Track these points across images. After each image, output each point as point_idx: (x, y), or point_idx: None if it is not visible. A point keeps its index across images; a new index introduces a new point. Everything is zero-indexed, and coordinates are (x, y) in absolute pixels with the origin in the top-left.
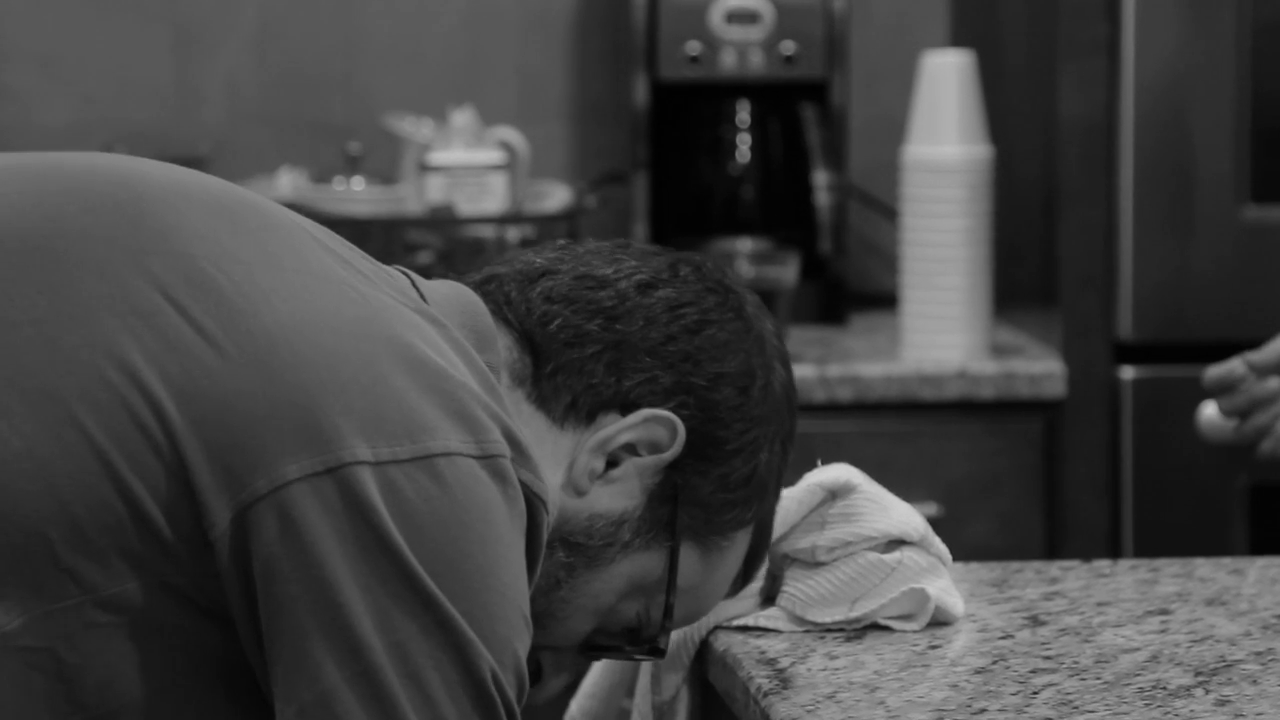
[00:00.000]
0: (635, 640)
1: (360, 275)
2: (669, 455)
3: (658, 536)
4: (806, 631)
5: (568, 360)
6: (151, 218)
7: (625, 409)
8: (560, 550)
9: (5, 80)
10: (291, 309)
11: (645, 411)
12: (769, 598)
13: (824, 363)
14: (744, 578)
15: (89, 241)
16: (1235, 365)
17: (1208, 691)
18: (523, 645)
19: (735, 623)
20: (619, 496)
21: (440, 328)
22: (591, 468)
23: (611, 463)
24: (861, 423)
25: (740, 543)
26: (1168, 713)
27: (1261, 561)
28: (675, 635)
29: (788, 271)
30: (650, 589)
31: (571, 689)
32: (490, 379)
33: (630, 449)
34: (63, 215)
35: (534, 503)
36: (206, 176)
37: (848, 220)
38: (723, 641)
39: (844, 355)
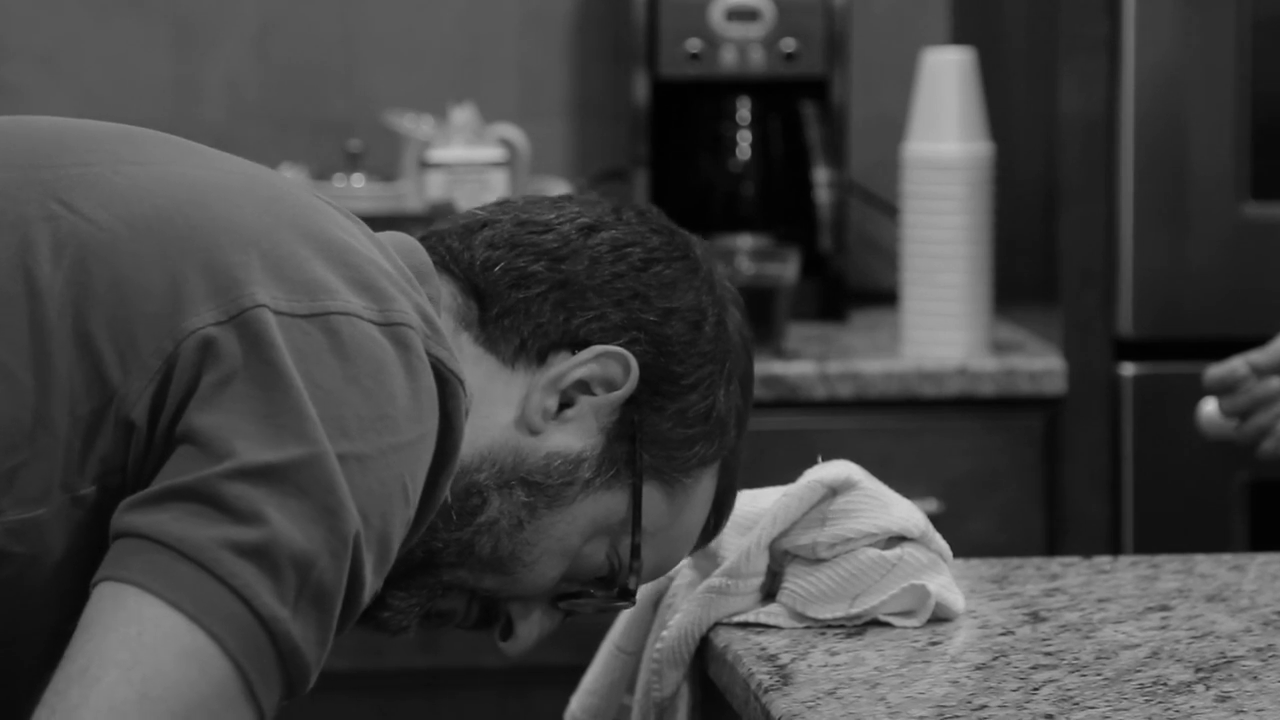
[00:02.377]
0: (607, 587)
1: (276, 174)
2: (624, 392)
3: (619, 475)
4: (807, 628)
5: (514, 302)
6: (49, 143)
7: (576, 347)
8: (520, 490)
9: (6, 77)
10: (188, 189)
11: (597, 348)
12: (769, 594)
13: (824, 360)
14: (714, 526)
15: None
16: (1237, 365)
17: (1208, 688)
18: (399, 519)
19: (736, 619)
20: (575, 435)
21: (357, 223)
22: (545, 406)
23: (566, 403)
24: (862, 419)
25: (705, 482)
26: (1168, 709)
27: (1262, 558)
28: (676, 632)
29: (788, 268)
30: (616, 530)
31: (573, 680)
32: (407, 272)
33: (584, 387)
34: None
35: (448, 379)
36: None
37: (848, 217)
38: (723, 638)
39: (844, 352)
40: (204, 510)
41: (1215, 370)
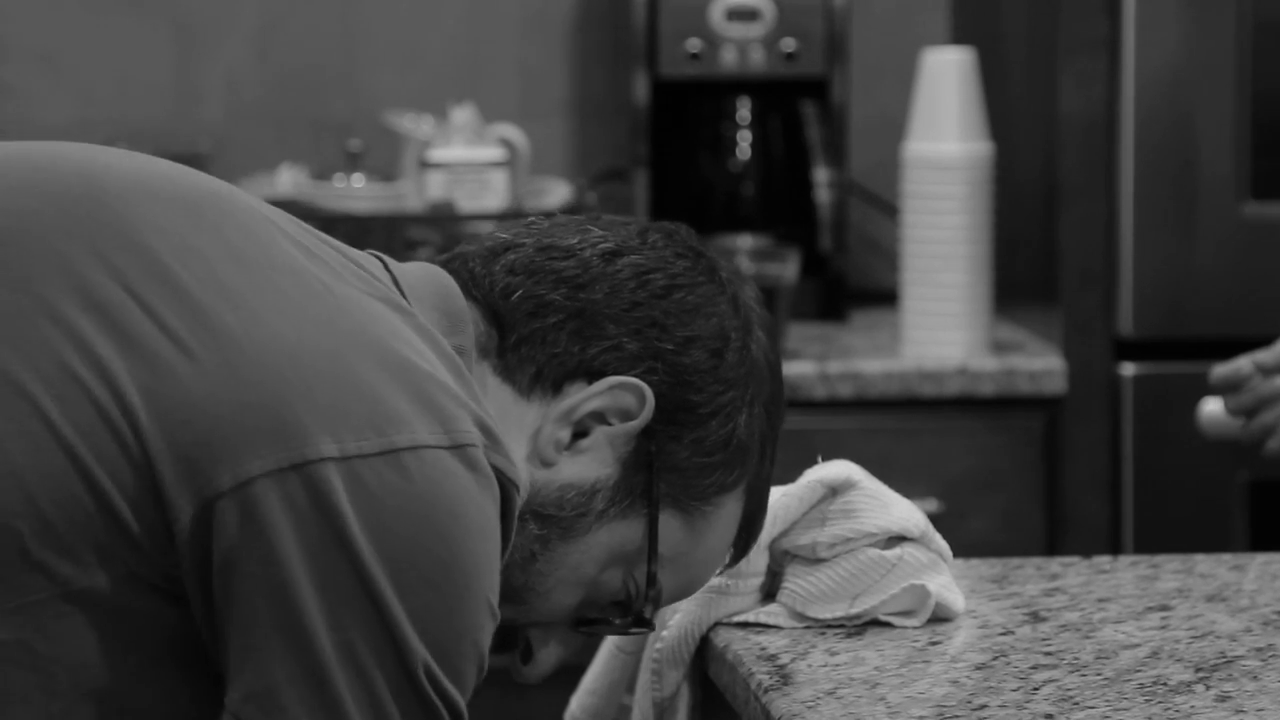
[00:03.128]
0: (625, 612)
1: (326, 267)
2: (639, 422)
3: (635, 504)
4: (807, 628)
5: (531, 331)
6: (111, 211)
7: (591, 377)
8: (532, 523)
9: (6, 78)
10: (254, 306)
11: (611, 379)
12: (769, 594)
13: (824, 359)
14: (742, 546)
15: (50, 236)
16: (1242, 364)
17: (1208, 688)
18: (486, 633)
19: (736, 619)
20: (590, 466)
21: (407, 316)
22: (557, 438)
23: (582, 433)
24: (862, 419)
25: (727, 508)
26: (1168, 709)
27: (1262, 558)
28: (676, 632)
29: (788, 268)
30: (632, 558)
31: (573, 680)
32: (459, 365)
33: (599, 417)
34: (23, 211)
35: (507, 487)
36: (172, 167)
37: (848, 217)
38: (723, 638)
39: (844, 352)
40: (306, 709)
41: (1221, 369)
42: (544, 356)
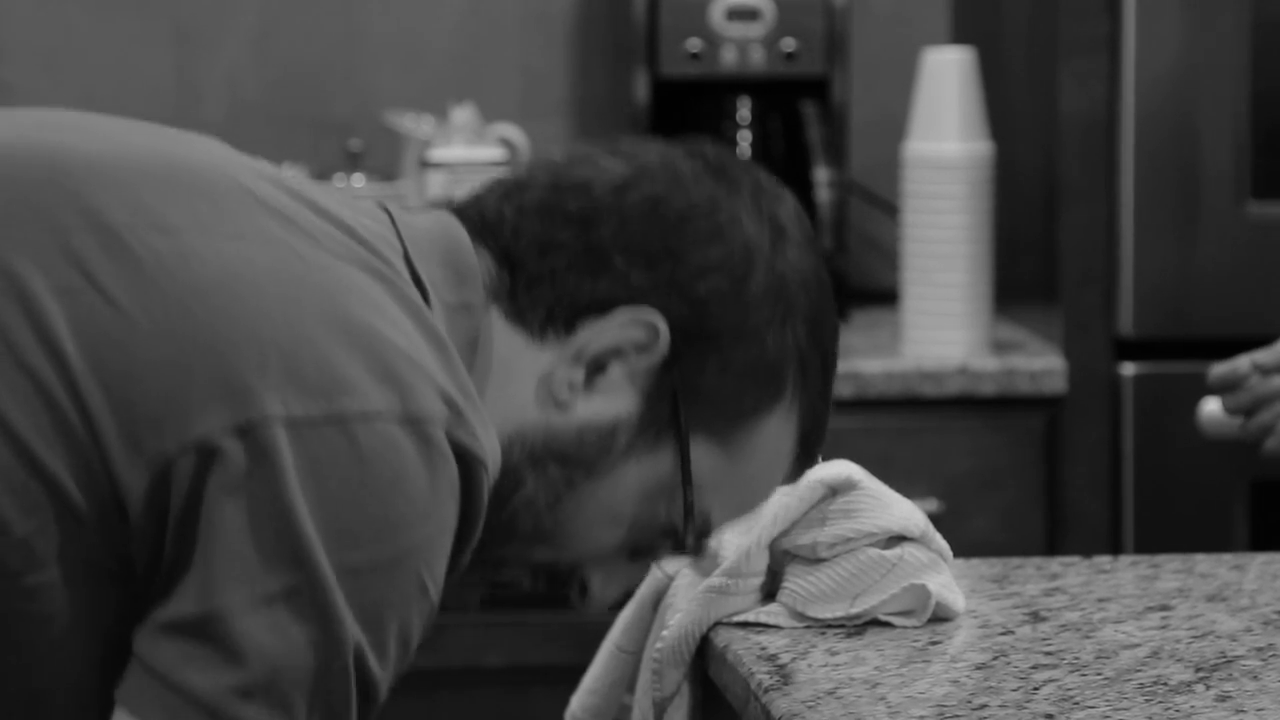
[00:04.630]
0: (675, 540)
1: (303, 234)
2: (656, 355)
3: (663, 436)
4: (807, 627)
5: (540, 271)
6: (76, 194)
7: (603, 313)
8: (554, 465)
9: (6, 77)
10: (213, 271)
11: (622, 313)
12: (770, 594)
13: None
14: (801, 466)
15: (12, 224)
16: (1240, 363)
17: (1208, 687)
18: (417, 612)
19: (736, 619)
20: (608, 402)
21: (388, 284)
22: (570, 379)
23: (600, 368)
24: (862, 419)
25: (768, 430)
26: (1168, 709)
27: (1262, 557)
28: (676, 632)
29: None
30: (671, 489)
31: (573, 679)
32: (440, 335)
33: (616, 353)
34: None
35: (471, 464)
36: (148, 136)
37: (848, 217)
38: (723, 638)
39: (844, 351)
40: (209, 654)
41: (1219, 368)
42: (554, 296)
